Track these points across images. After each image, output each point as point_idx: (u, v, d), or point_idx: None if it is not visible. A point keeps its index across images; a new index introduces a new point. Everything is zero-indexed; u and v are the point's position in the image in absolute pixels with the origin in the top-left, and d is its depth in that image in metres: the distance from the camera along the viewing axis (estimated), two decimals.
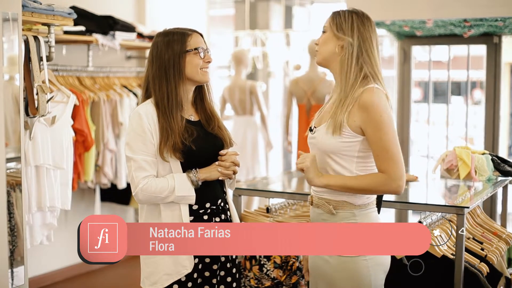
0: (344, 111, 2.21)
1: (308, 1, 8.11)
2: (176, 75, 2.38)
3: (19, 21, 3.09)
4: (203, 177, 2.41)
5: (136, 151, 2.36)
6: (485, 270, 2.82)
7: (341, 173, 2.24)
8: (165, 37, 2.42)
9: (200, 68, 2.42)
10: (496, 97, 4.63)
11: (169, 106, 2.38)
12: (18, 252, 3.28)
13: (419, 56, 5.51)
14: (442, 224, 3.00)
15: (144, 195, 2.36)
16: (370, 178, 2.20)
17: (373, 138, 2.18)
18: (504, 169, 3.50)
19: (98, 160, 4.52)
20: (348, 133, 2.21)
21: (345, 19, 2.27)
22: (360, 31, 2.25)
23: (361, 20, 2.27)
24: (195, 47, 2.40)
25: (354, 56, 2.24)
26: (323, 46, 2.31)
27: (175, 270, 2.38)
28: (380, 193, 2.26)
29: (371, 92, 2.19)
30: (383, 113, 2.17)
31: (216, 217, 2.46)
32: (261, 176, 5.96)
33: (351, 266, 2.23)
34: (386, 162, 2.17)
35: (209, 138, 2.47)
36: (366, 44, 2.25)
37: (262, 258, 3.07)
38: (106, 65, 4.81)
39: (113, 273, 4.92)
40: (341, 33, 2.25)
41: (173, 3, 5.66)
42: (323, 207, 2.30)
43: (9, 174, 3.19)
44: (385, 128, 2.17)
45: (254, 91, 6.00)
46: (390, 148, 2.17)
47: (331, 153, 2.24)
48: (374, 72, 2.24)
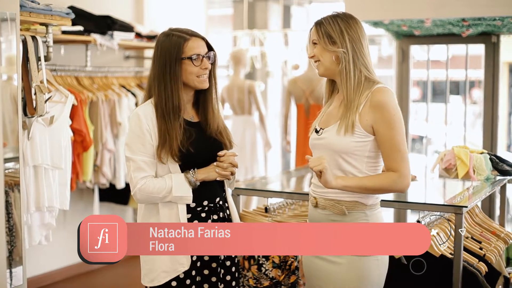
0: (355, 111, 2.22)
1: (307, 0, 8.11)
2: (172, 80, 2.37)
3: (17, 21, 3.08)
4: (201, 178, 2.41)
5: (135, 152, 2.37)
6: (483, 269, 2.82)
7: (352, 172, 2.25)
8: (166, 38, 2.40)
9: (197, 76, 2.40)
10: (494, 97, 4.64)
11: (167, 109, 2.37)
12: (16, 252, 3.28)
13: (418, 56, 5.52)
14: (441, 223, 3.00)
15: (142, 195, 2.38)
16: (384, 178, 2.22)
17: (385, 137, 2.20)
18: (503, 168, 3.50)
19: (97, 160, 4.51)
20: (360, 133, 2.22)
21: (332, 28, 2.27)
22: (350, 35, 2.25)
23: (346, 22, 2.27)
24: (191, 54, 2.37)
25: (351, 62, 2.25)
26: (321, 57, 2.31)
27: (172, 267, 2.39)
28: (392, 191, 2.27)
29: (383, 91, 2.21)
30: (396, 112, 2.20)
31: (214, 215, 2.46)
32: (259, 175, 5.96)
33: (362, 265, 2.24)
34: (397, 161, 2.20)
35: (207, 140, 2.47)
36: (358, 46, 2.26)
37: (260, 257, 3.07)
38: (105, 65, 4.81)
39: (113, 273, 4.92)
40: (334, 46, 2.26)
41: (171, 3, 5.65)
42: (332, 208, 2.29)
43: (7, 174, 3.19)
44: (397, 127, 2.20)
45: (252, 90, 6.00)
46: (401, 147, 2.20)
47: (342, 153, 2.24)
48: (369, 71, 2.27)
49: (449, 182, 3.51)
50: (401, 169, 2.20)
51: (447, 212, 2.94)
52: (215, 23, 8.54)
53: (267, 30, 7.19)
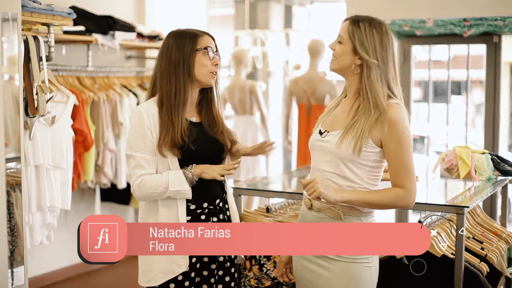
0: (366, 133, 2.19)
1: (308, 0, 8.11)
2: (185, 73, 2.40)
3: (18, 21, 3.09)
4: (198, 172, 2.41)
5: (135, 149, 2.38)
6: (485, 269, 2.81)
7: (352, 179, 2.23)
8: (176, 35, 2.44)
9: (210, 71, 2.43)
10: (496, 97, 4.63)
11: (175, 102, 2.39)
12: (18, 252, 3.28)
13: (419, 56, 5.50)
14: (442, 223, 3.00)
15: (140, 192, 2.39)
16: (390, 194, 2.21)
17: (393, 154, 2.19)
18: (504, 169, 3.50)
19: (98, 160, 4.51)
20: (368, 144, 2.20)
21: (366, 37, 2.20)
22: (382, 49, 2.20)
23: (379, 35, 2.21)
24: (205, 46, 2.42)
25: (376, 76, 2.20)
26: (341, 57, 2.25)
27: (169, 268, 2.39)
28: (397, 207, 2.27)
29: (396, 109, 2.19)
30: (406, 131, 2.19)
31: (214, 217, 2.47)
32: (261, 175, 5.96)
33: (354, 271, 2.23)
34: (404, 177, 2.20)
35: (208, 140, 2.48)
36: (387, 61, 2.21)
37: (262, 257, 3.07)
38: (106, 65, 4.81)
39: (113, 273, 4.92)
40: (364, 53, 2.20)
41: (173, 3, 5.66)
42: (327, 212, 2.28)
43: (9, 174, 3.19)
44: (406, 145, 2.19)
45: (254, 90, 6.00)
46: (408, 165, 2.20)
47: (346, 160, 2.23)
48: (392, 90, 2.22)
49: (451, 182, 3.51)
50: (407, 186, 2.20)
51: (449, 212, 2.93)
52: (217, 23, 8.54)
53: (268, 30, 7.19)
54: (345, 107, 2.32)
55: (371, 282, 2.27)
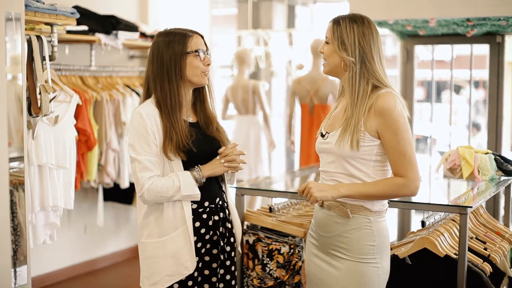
0: (357, 125, 2.19)
1: (311, 0, 8.11)
2: (177, 75, 2.39)
3: (22, 21, 3.09)
4: (207, 174, 2.42)
5: (140, 152, 2.36)
6: (488, 269, 2.81)
7: (358, 176, 2.23)
8: (166, 37, 2.42)
9: (202, 71, 2.42)
10: (499, 97, 4.62)
11: (171, 106, 2.38)
12: (21, 252, 3.28)
13: (422, 56, 5.50)
14: (445, 223, 2.99)
15: (150, 195, 2.36)
16: (389, 183, 2.21)
17: (390, 143, 2.18)
18: (507, 169, 3.49)
19: (101, 159, 4.52)
20: (366, 138, 2.20)
21: (347, 33, 2.22)
22: (361, 45, 2.22)
23: (361, 31, 2.23)
24: (196, 49, 2.40)
25: (358, 73, 2.22)
26: (329, 58, 2.28)
27: (176, 271, 2.39)
28: (399, 196, 2.26)
29: (386, 97, 2.18)
30: (400, 118, 2.18)
31: (215, 216, 2.47)
32: (264, 175, 5.96)
33: (362, 271, 2.23)
34: (404, 166, 2.19)
35: (207, 139, 2.48)
36: (369, 57, 2.22)
37: (265, 257, 3.07)
38: (109, 65, 4.81)
39: (116, 273, 4.92)
40: (344, 52, 2.22)
41: (175, 3, 5.66)
42: (336, 210, 2.28)
43: (12, 173, 3.19)
44: (402, 133, 2.18)
45: (256, 90, 6.00)
46: (407, 152, 2.18)
47: (349, 158, 2.23)
48: (379, 81, 2.23)
49: (454, 182, 3.50)
50: (408, 174, 2.19)
51: (452, 212, 2.93)
52: (219, 23, 8.54)
53: (271, 30, 7.19)
54: (343, 106, 2.33)
55: (378, 283, 2.26)
